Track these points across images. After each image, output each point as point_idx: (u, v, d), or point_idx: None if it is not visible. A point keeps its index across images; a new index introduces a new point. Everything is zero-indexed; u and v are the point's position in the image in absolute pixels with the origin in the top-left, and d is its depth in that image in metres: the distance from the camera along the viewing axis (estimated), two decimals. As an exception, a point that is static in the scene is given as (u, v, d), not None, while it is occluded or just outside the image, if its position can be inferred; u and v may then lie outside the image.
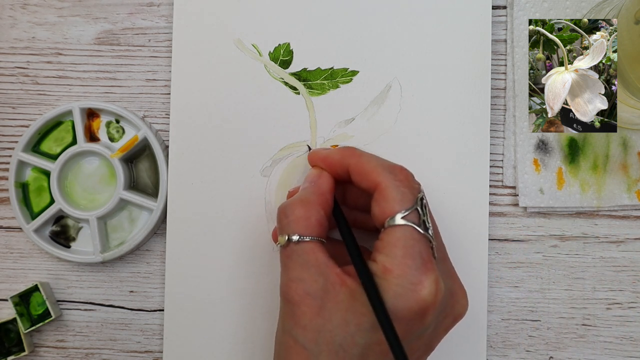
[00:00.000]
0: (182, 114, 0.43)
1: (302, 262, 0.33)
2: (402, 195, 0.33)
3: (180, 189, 0.42)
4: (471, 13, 0.42)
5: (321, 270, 0.33)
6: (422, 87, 0.42)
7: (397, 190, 0.33)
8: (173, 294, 0.42)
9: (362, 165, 0.35)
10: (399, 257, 0.32)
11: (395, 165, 0.35)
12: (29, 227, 0.42)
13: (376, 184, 0.34)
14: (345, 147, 0.37)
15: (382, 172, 0.34)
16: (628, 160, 0.42)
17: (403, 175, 0.34)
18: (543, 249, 0.43)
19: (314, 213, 0.34)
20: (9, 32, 0.44)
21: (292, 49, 0.43)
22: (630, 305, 0.43)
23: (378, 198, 0.33)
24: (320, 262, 0.33)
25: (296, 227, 0.34)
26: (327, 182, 0.36)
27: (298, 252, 0.33)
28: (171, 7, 0.43)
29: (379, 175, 0.34)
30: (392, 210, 0.32)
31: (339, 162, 0.36)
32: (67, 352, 0.44)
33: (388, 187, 0.33)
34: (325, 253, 0.34)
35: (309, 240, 0.33)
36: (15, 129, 0.44)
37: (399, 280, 0.31)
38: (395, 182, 0.33)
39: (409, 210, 0.32)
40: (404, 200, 0.33)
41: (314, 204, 0.35)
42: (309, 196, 0.35)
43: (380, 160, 0.35)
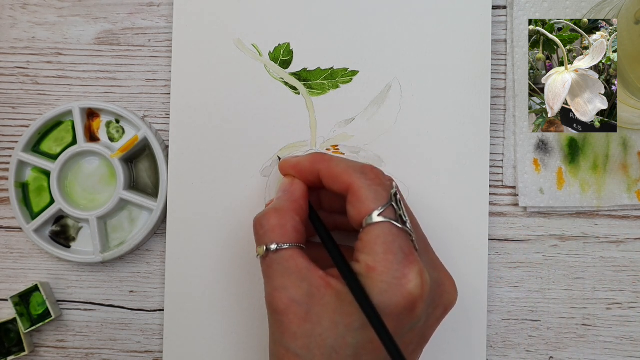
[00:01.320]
0: (182, 114, 0.43)
1: (282, 270, 0.33)
2: (375, 194, 0.33)
3: (180, 189, 0.42)
4: (471, 13, 0.42)
5: (303, 276, 0.33)
6: (422, 87, 0.42)
7: (369, 189, 0.33)
8: (173, 294, 0.42)
9: (332, 169, 0.35)
10: (381, 254, 0.32)
11: (364, 165, 0.35)
12: (29, 227, 0.42)
13: (348, 186, 0.34)
14: (315, 153, 0.37)
15: (352, 174, 0.34)
16: (628, 160, 0.42)
17: (374, 173, 0.34)
18: (543, 249, 0.43)
19: (288, 220, 0.34)
20: (9, 32, 0.44)
21: (292, 49, 0.43)
22: (630, 305, 0.43)
23: (352, 200, 0.33)
24: (302, 268, 0.33)
25: (273, 236, 0.34)
26: (299, 189, 0.36)
27: (277, 260, 0.33)
28: (171, 7, 0.43)
29: (350, 177, 0.34)
30: (367, 209, 0.33)
31: (309, 169, 0.36)
32: (67, 352, 0.44)
33: (360, 187, 0.33)
34: (305, 258, 0.34)
35: (287, 247, 0.34)
36: (15, 129, 0.44)
37: (383, 276, 0.31)
38: (367, 182, 0.33)
39: (384, 206, 0.33)
40: (378, 198, 0.33)
41: (288, 211, 0.35)
42: (282, 204, 0.35)
43: (349, 162, 0.35)
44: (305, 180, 0.37)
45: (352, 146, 0.42)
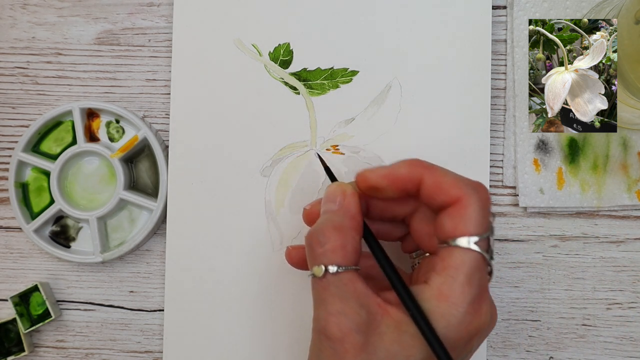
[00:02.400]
0: (182, 114, 0.43)
1: (341, 294, 0.30)
2: (482, 218, 0.30)
3: (180, 189, 0.42)
4: (471, 13, 0.42)
5: (362, 302, 0.30)
6: (422, 87, 0.42)
7: (479, 211, 0.30)
8: (173, 294, 0.42)
9: (440, 177, 0.32)
10: (459, 285, 0.30)
11: (476, 182, 0.32)
12: (29, 227, 0.42)
13: (457, 199, 0.31)
14: (411, 160, 0.33)
15: (464, 187, 0.31)
16: (628, 160, 0.42)
17: (486, 194, 0.31)
18: (543, 249, 0.43)
19: (350, 240, 0.31)
20: (9, 32, 0.44)
21: (292, 49, 0.43)
22: (630, 305, 0.43)
23: (454, 213, 0.31)
24: (360, 293, 0.31)
25: (334, 257, 0.31)
26: (355, 203, 0.33)
27: (336, 283, 0.31)
28: (171, 7, 0.43)
29: (462, 190, 0.31)
30: (467, 230, 0.30)
31: (408, 177, 0.32)
32: (67, 352, 0.44)
33: (471, 204, 0.30)
34: (363, 282, 0.31)
35: (347, 270, 0.31)
36: (15, 129, 0.44)
37: (454, 309, 0.30)
38: (479, 202, 0.31)
39: (483, 236, 0.30)
40: (482, 224, 0.30)
41: (349, 230, 0.32)
42: (341, 221, 0.32)
43: (457, 174, 0.32)
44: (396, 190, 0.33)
45: (352, 146, 0.42)
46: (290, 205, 0.42)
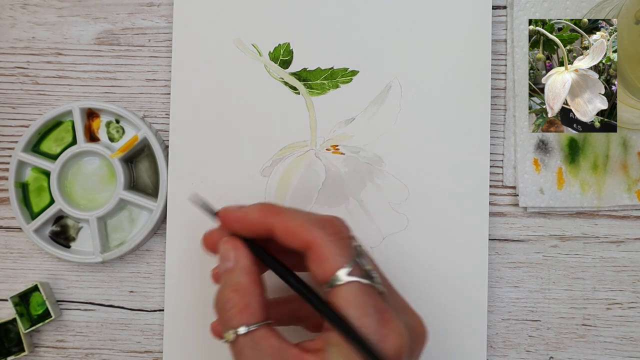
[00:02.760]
0: (182, 114, 0.43)
1: (256, 354, 0.30)
2: (340, 250, 0.30)
3: (180, 189, 0.42)
4: (471, 13, 0.42)
5: (279, 357, 0.30)
6: (422, 87, 0.42)
7: (332, 246, 0.30)
8: (173, 294, 0.42)
9: (287, 223, 0.31)
10: (357, 319, 0.29)
11: (322, 218, 0.32)
12: (29, 227, 0.42)
13: (308, 243, 0.31)
14: (262, 204, 0.33)
15: (311, 229, 0.31)
16: (628, 160, 0.42)
17: (335, 227, 0.31)
18: (543, 249, 0.43)
19: (252, 297, 0.31)
20: (9, 32, 0.44)
21: (292, 49, 0.43)
22: (630, 305, 0.43)
23: (314, 258, 0.31)
24: (275, 348, 0.30)
25: (240, 319, 0.31)
26: (244, 255, 0.33)
27: (249, 344, 0.31)
28: (171, 7, 0.43)
29: (309, 233, 0.31)
30: (333, 268, 0.30)
31: (259, 223, 0.32)
32: (67, 352, 0.44)
33: (322, 244, 0.30)
34: (277, 336, 0.31)
35: (257, 327, 0.31)
36: (15, 129, 0.44)
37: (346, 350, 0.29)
38: (329, 237, 0.30)
39: (350, 264, 0.30)
40: (343, 255, 0.30)
41: (248, 286, 0.32)
42: (239, 280, 0.32)
43: (305, 214, 0.32)
44: (252, 235, 0.33)
45: (352, 146, 0.42)
46: (290, 205, 0.42)
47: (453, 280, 0.41)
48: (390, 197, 0.42)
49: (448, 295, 0.41)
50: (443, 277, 0.42)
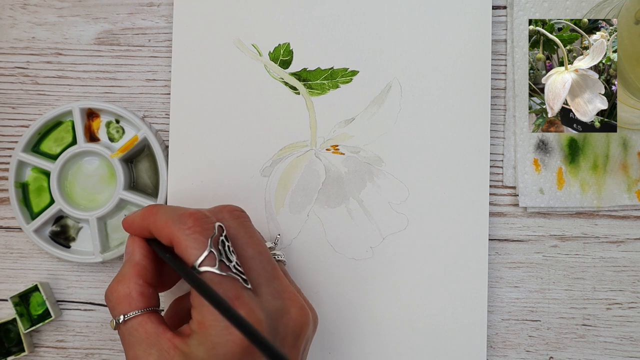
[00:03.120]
0: (182, 114, 0.43)
1: (133, 340, 0.33)
2: (194, 242, 0.32)
3: (180, 189, 0.42)
4: (471, 13, 0.42)
5: (152, 341, 0.33)
6: (422, 87, 0.42)
7: (189, 239, 0.32)
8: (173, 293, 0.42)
9: (157, 223, 0.34)
10: (207, 306, 0.31)
11: (184, 213, 0.34)
12: (29, 227, 0.42)
13: (171, 238, 0.33)
14: (147, 207, 0.36)
15: (172, 225, 0.33)
16: (628, 160, 0.42)
17: (192, 220, 0.33)
18: (543, 249, 0.43)
19: (133, 287, 0.34)
20: (9, 32, 0.44)
21: (292, 49, 0.43)
22: (630, 305, 0.43)
23: (178, 251, 0.33)
24: (150, 333, 0.33)
25: (120, 308, 0.34)
26: (138, 249, 0.35)
27: (127, 331, 0.33)
28: (171, 7, 0.43)
29: (170, 228, 0.33)
30: (189, 260, 0.32)
31: (141, 226, 0.35)
32: (67, 352, 0.44)
33: (180, 237, 0.33)
34: (155, 322, 0.33)
35: (135, 315, 0.33)
36: (15, 129, 0.44)
37: (212, 330, 0.31)
38: (186, 231, 0.33)
39: (203, 255, 0.32)
40: (198, 247, 0.32)
41: (131, 277, 0.34)
42: (124, 271, 0.35)
43: (172, 212, 0.34)
44: (144, 236, 0.36)
45: (352, 146, 0.42)
46: (290, 205, 0.42)
47: (453, 280, 0.41)
48: (390, 197, 0.42)
49: (448, 295, 0.41)
50: (443, 277, 0.42)
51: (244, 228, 0.35)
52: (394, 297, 0.42)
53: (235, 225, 0.35)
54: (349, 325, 0.42)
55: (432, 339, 0.42)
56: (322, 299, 0.42)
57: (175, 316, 0.38)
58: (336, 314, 0.42)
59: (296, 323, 0.34)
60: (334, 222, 0.42)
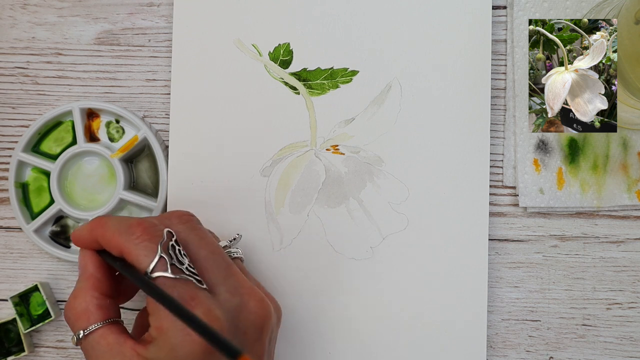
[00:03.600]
0: (182, 114, 0.43)
1: (96, 353, 0.33)
2: (144, 250, 0.32)
3: (180, 189, 0.42)
4: (471, 13, 0.42)
5: (115, 352, 0.32)
6: (422, 87, 0.42)
7: (138, 247, 0.32)
8: (173, 294, 0.42)
9: (105, 235, 0.34)
10: (163, 311, 0.31)
11: (132, 223, 0.34)
12: (29, 227, 0.42)
13: (120, 249, 0.33)
14: (94, 219, 0.35)
15: (120, 236, 0.33)
16: (628, 160, 0.42)
17: (140, 230, 0.33)
18: (543, 249, 0.43)
19: (89, 300, 0.34)
20: (9, 32, 0.44)
21: (292, 49, 0.43)
22: (630, 305, 0.43)
23: (129, 261, 0.33)
24: (112, 344, 0.33)
25: (80, 323, 0.34)
26: (90, 262, 0.35)
27: (90, 344, 0.33)
28: (171, 7, 0.43)
29: (118, 240, 0.33)
30: (141, 268, 0.32)
31: (90, 238, 0.35)
32: (67, 352, 0.44)
33: (129, 248, 0.33)
34: (116, 332, 0.33)
35: (95, 328, 0.33)
36: (15, 129, 0.44)
37: (171, 333, 0.31)
38: (135, 240, 0.33)
39: (154, 261, 0.32)
40: (148, 254, 0.32)
41: (86, 291, 0.34)
42: (78, 286, 0.35)
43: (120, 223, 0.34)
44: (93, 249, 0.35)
45: (352, 146, 0.42)
46: (290, 205, 0.42)
47: (453, 280, 0.41)
48: (390, 197, 0.42)
49: (448, 295, 0.41)
50: (443, 277, 0.42)
51: (194, 230, 0.35)
52: (393, 297, 0.42)
53: (185, 229, 0.35)
54: (349, 325, 0.42)
55: (432, 339, 0.42)
56: (322, 299, 0.42)
57: (140, 327, 0.38)
58: (336, 314, 0.42)
59: (256, 317, 0.34)
60: (334, 222, 0.42)
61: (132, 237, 0.33)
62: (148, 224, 0.34)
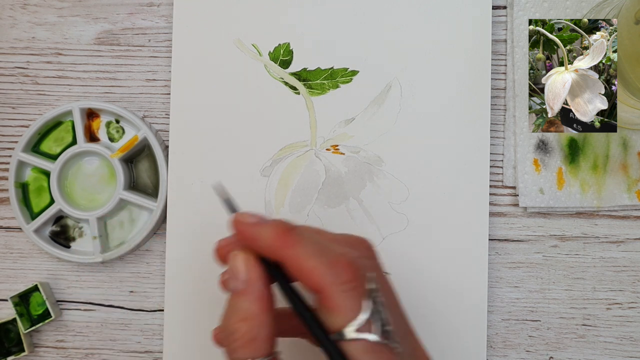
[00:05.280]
0: (182, 114, 0.43)
1: None
2: (351, 303, 0.27)
3: (180, 189, 0.42)
4: (471, 13, 0.42)
5: None
6: (422, 87, 0.42)
7: (343, 297, 0.27)
8: (173, 294, 0.42)
9: (299, 263, 0.28)
10: None
11: (338, 260, 0.28)
12: (29, 227, 0.42)
13: (318, 289, 0.28)
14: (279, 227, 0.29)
15: (323, 275, 0.28)
16: (628, 160, 0.42)
17: (350, 273, 0.28)
18: (543, 249, 0.43)
19: (261, 329, 0.29)
20: (9, 32, 0.44)
21: (292, 49, 0.43)
22: (630, 305, 0.43)
23: (323, 306, 0.28)
24: None
25: (245, 352, 0.28)
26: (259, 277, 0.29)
27: None
28: (171, 7, 0.43)
29: (320, 279, 0.28)
30: (341, 323, 0.27)
31: (270, 250, 0.29)
32: (67, 352, 0.44)
33: (333, 294, 0.27)
34: None
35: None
36: (15, 129, 0.44)
37: None
38: (341, 286, 0.28)
39: (360, 320, 0.27)
40: (354, 309, 0.27)
41: (258, 316, 0.29)
42: (248, 307, 0.29)
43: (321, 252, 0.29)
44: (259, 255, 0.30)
45: (352, 146, 0.42)
46: (290, 205, 0.42)
47: (453, 280, 0.41)
48: (390, 197, 0.42)
49: (448, 295, 0.41)
50: (443, 277, 0.42)
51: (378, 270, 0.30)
52: (394, 297, 0.42)
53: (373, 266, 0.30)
54: (349, 325, 0.42)
55: (432, 339, 0.42)
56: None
57: None
58: (336, 314, 0.42)
59: None
60: (334, 222, 0.42)
61: (336, 280, 0.28)
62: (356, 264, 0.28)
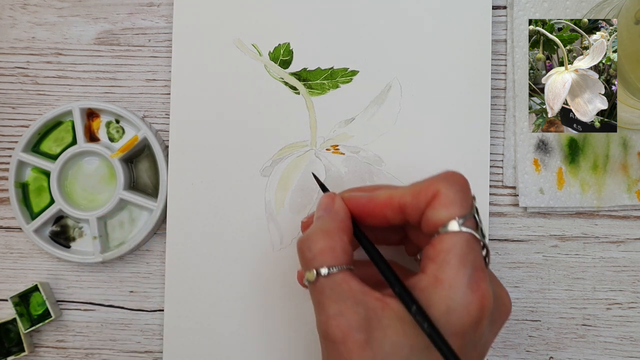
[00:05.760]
0: (182, 114, 0.43)
1: (336, 295, 0.31)
2: (461, 200, 0.31)
3: (180, 189, 0.42)
4: (471, 13, 0.42)
5: (358, 299, 0.31)
6: (422, 87, 0.42)
7: (455, 194, 0.31)
8: (173, 294, 0.42)
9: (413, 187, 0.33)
10: (452, 267, 0.30)
11: (447, 172, 0.33)
12: (29, 227, 0.42)
13: (434, 194, 0.32)
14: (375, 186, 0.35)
15: (436, 182, 0.32)
16: (628, 160, 0.42)
17: (460, 179, 0.32)
18: (543, 249, 0.43)
19: (337, 241, 0.32)
20: (9, 32, 0.44)
21: (292, 49, 0.43)
22: (630, 305, 0.43)
23: (434, 205, 0.31)
24: (356, 291, 0.31)
25: (323, 260, 0.32)
26: (343, 208, 0.34)
27: (330, 285, 0.31)
28: (171, 7, 0.43)
29: (435, 185, 0.32)
30: (449, 214, 0.31)
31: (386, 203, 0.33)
32: (67, 352, 0.44)
33: (446, 191, 0.31)
34: (358, 280, 0.32)
35: (339, 270, 0.31)
36: (15, 129, 0.44)
37: (451, 292, 0.30)
38: (454, 186, 0.32)
39: (467, 216, 0.31)
40: (463, 205, 0.31)
41: (336, 231, 0.33)
42: (328, 225, 0.33)
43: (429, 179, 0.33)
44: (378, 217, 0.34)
45: (352, 146, 0.42)
46: (290, 205, 0.42)
47: (453, 280, 0.41)
48: (390, 197, 0.42)
49: (448, 295, 0.41)
50: (443, 277, 0.41)
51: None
52: (394, 297, 0.42)
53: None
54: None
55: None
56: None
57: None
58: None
59: (506, 310, 0.33)
60: (334, 222, 0.42)
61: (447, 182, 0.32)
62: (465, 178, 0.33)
